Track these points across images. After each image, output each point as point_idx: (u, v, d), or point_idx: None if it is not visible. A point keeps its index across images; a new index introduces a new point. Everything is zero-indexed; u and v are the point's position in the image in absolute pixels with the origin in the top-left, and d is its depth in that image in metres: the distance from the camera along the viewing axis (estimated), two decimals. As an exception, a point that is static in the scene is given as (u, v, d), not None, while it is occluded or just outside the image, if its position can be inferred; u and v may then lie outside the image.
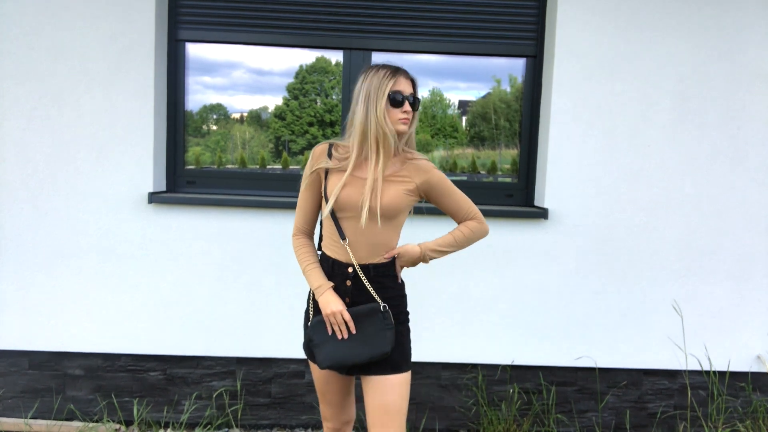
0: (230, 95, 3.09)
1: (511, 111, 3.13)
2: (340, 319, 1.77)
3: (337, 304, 1.77)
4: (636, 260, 2.92)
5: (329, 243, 1.84)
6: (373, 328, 1.78)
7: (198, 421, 2.93)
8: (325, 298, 1.79)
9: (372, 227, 1.78)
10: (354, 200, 1.76)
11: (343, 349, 1.78)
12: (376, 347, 1.77)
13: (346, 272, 1.82)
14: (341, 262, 1.82)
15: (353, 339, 1.77)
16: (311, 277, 1.84)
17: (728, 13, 2.84)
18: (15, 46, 2.75)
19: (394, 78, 1.79)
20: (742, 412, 3.02)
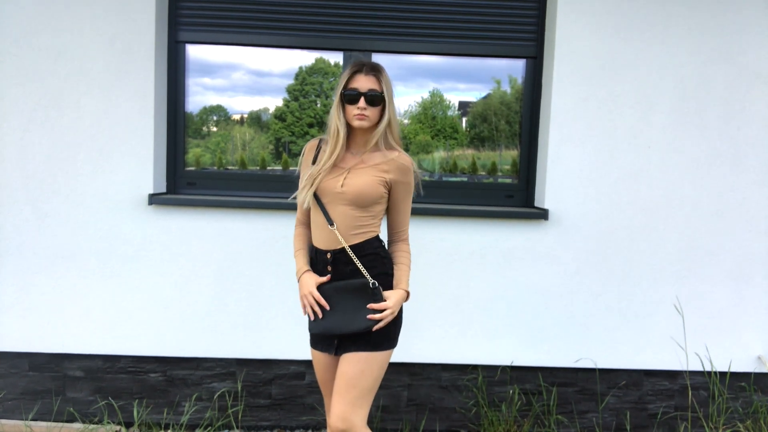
0: (230, 97, 3.09)
1: (511, 112, 3.13)
2: (312, 300, 1.89)
3: (309, 286, 1.89)
4: (636, 261, 2.92)
5: (313, 231, 1.98)
6: (361, 302, 1.87)
7: (198, 423, 2.93)
8: (300, 281, 1.94)
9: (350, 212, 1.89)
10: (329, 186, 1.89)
11: (331, 319, 1.88)
12: (361, 321, 1.86)
13: (325, 258, 1.92)
14: (321, 249, 1.93)
15: (342, 311, 1.87)
16: (296, 262, 2.00)
17: (728, 14, 2.84)
18: (15, 47, 2.75)
19: (352, 75, 1.90)
20: (743, 413, 3.02)
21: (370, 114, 1.88)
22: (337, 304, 1.88)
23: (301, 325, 2.84)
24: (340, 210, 1.90)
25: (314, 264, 1.97)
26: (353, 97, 1.88)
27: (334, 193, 1.90)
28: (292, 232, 2.17)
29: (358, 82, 1.88)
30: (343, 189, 1.89)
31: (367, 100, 1.87)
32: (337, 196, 1.90)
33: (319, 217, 1.93)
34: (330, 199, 1.90)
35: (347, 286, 1.89)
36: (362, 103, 1.86)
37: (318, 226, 1.94)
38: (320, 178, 1.91)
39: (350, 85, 1.90)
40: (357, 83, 1.88)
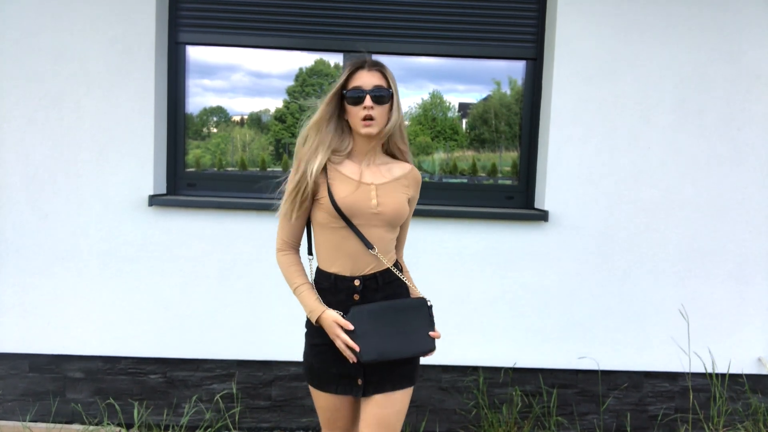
0: (230, 98, 3.10)
1: (511, 113, 3.13)
2: (343, 346, 1.61)
3: (335, 328, 1.62)
4: (636, 262, 2.92)
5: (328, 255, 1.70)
6: (419, 322, 1.67)
7: (198, 424, 2.93)
8: (324, 322, 1.64)
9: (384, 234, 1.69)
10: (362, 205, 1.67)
11: (388, 341, 1.61)
12: (421, 344, 1.66)
13: (351, 286, 1.67)
14: (344, 276, 1.68)
15: (397, 332, 1.63)
16: (303, 300, 1.69)
17: (728, 14, 2.85)
18: (15, 48, 2.76)
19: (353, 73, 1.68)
20: (743, 414, 3.02)
21: (378, 115, 1.65)
22: (392, 324, 1.63)
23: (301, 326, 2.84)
24: (376, 233, 1.67)
25: (331, 293, 1.69)
26: (357, 98, 1.64)
27: (369, 213, 1.66)
28: None
29: (360, 79, 1.66)
30: (380, 209, 1.66)
31: (373, 98, 1.64)
32: (372, 218, 1.66)
33: (347, 241, 1.66)
34: (364, 220, 1.65)
35: (404, 305, 1.67)
36: (368, 102, 1.63)
37: (342, 251, 1.67)
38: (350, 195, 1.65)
39: (352, 83, 1.66)
40: (359, 81, 1.65)
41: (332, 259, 1.69)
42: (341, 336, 1.60)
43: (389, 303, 1.66)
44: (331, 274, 1.69)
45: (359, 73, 1.67)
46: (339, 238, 1.67)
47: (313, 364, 1.72)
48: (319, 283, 1.72)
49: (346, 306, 1.66)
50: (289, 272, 1.73)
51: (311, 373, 1.74)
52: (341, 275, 1.68)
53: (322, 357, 1.70)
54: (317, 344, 1.71)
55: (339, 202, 1.64)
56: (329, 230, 1.68)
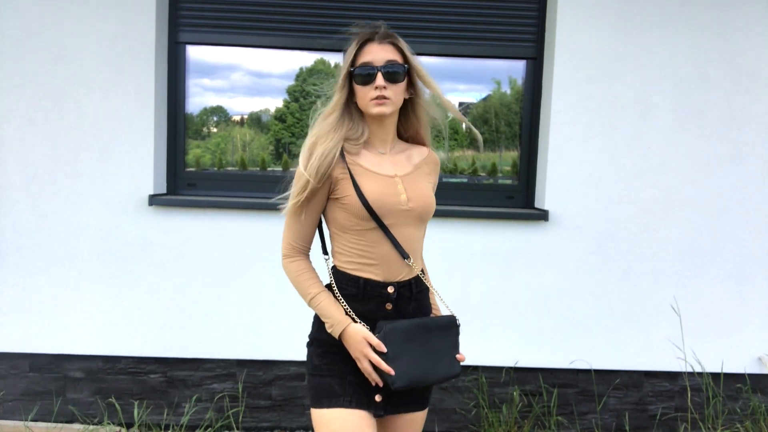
0: (230, 97, 3.09)
1: (511, 113, 3.13)
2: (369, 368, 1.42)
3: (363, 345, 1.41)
4: (636, 261, 2.92)
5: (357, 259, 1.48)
6: (447, 344, 1.49)
7: (198, 424, 2.93)
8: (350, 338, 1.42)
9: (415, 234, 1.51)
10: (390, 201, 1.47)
11: (418, 366, 1.43)
12: (448, 368, 1.48)
13: (385, 293, 1.47)
14: (377, 282, 1.47)
15: (426, 355, 1.45)
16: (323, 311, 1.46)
17: (728, 14, 2.84)
18: (15, 48, 2.76)
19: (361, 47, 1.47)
20: (742, 414, 3.02)
21: (392, 94, 1.44)
22: (421, 346, 1.44)
23: (302, 325, 2.84)
24: (407, 233, 1.48)
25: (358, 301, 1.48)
26: (367, 75, 1.43)
27: (400, 211, 1.46)
28: None
29: (370, 54, 1.44)
30: (411, 205, 1.47)
31: (386, 75, 1.43)
32: (403, 215, 1.47)
33: (379, 245, 1.46)
34: (394, 219, 1.45)
35: (434, 324, 1.49)
36: (380, 80, 1.42)
37: (374, 255, 1.46)
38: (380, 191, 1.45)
39: (360, 60, 1.45)
40: (369, 56, 1.44)
41: (360, 263, 1.47)
42: (372, 356, 1.40)
43: (420, 321, 1.48)
44: (360, 278, 1.47)
45: (369, 46, 1.46)
46: (368, 241, 1.46)
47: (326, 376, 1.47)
48: (343, 288, 1.49)
49: (374, 317, 1.46)
50: (301, 280, 1.50)
51: (322, 391, 1.46)
52: (373, 280, 1.47)
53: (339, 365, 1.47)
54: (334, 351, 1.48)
55: (370, 200, 1.42)
56: (355, 233, 1.46)
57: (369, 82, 1.43)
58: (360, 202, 1.42)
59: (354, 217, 1.44)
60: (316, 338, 1.53)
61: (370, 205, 1.42)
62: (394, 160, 1.54)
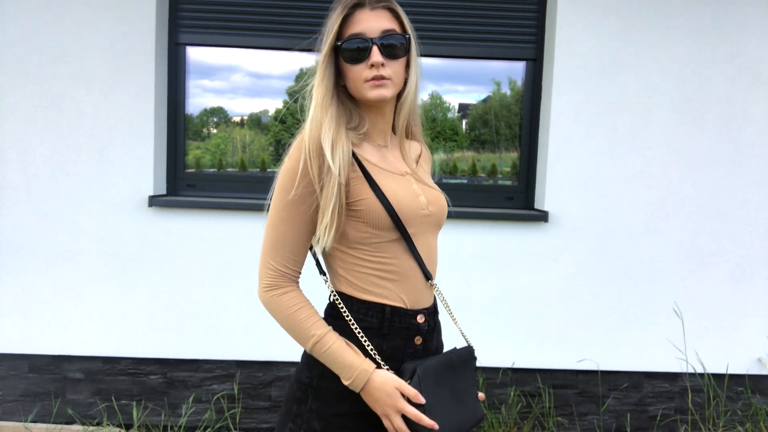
0: (230, 98, 3.10)
1: (511, 114, 3.13)
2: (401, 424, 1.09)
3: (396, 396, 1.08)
4: (636, 262, 2.92)
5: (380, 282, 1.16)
6: (469, 382, 1.22)
7: (198, 425, 2.93)
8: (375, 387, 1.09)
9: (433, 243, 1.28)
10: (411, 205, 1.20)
11: (454, 412, 1.15)
12: (475, 412, 1.21)
13: (415, 324, 1.18)
14: (407, 311, 1.17)
15: (455, 399, 1.18)
16: (336, 358, 1.11)
17: (728, 15, 2.85)
18: (16, 49, 2.76)
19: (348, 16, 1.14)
20: (743, 415, 3.02)
21: (392, 73, 1.15)
22: (449, 387, 1.17)
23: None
24: (427, 243, 1.21)
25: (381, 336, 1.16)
26: (358, 50, 1.11)
27: (422, 216, 1.18)
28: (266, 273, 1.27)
29: (361, 23, 1.12)
30: (430, 209, 1.20)
31: (383, 49, 1.12)
32: (424, 222, 1.19)
33: (401, 260, 1.16)
34: (417, 228, 1.17)
35: (458, 360, 1.21)
36: (377, 55, 1.11)
37: (396, 274, 1.16)
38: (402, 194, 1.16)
39: (349, 30, 1.13)
40: (360, 26, 1.12)
41: (382, 286, 1.16)
42: (408, 411, 1.07)
43: (445, 359, 1.19)
44: (385, 307, 1.15)
45: (358, 13, 1.13)
46: (389, 257, 1.15)
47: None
48: (361, 321, 1.16)
49: (401, 357, 1.16)
50: (300, 319, 1.14)
51: None
52: (399, 308, 1.16)
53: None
54: (342, 414, 1.14)
55: (393, 203, 1.13)
56: (371, 248, 1.15)
57: (362, 59, 1.12)
58: (382, 207, 1.12)
59: (370, 226, 1.13)
60: (319, 388, 1.16)
61: (394, 209, 1.12)
62: (396, 155, 1.26)
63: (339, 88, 1.18)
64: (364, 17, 1.13)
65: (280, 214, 1.13)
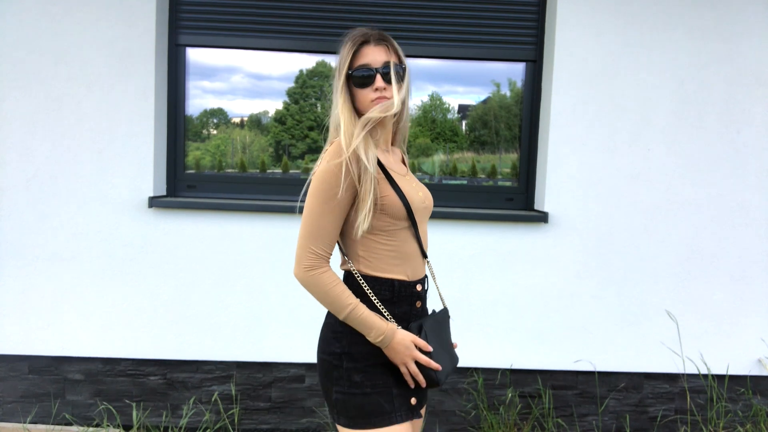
0: (230, 100, 3.10)
1: (510, 115, 3.13)
2: (415, 369, 1.44)
3: (412, 349, 1.44)
4: (636, 263, 2.92)
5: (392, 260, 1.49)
6: (449, 334, 1.61)
7: (197, 426, 2.93)
8: (400, 343, 1.43)
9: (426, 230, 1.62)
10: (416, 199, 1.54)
11: (447, 356, 1.53)
12: (454, 359, 1.59)
13: (415, 292, 1.53)
14: (409, 282, 1.51)
15: (444, 348, 1.54)
16: (365, 321, 1.42)
17: (728, 17, 2.85)
18: (16, 50, 2.76)
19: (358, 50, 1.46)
20: (743, 416, 3.02)
21: (392, 95, 1.46)
22: (440, 338, 1.54)
23: (301, 327, 2.84)
24: (422, 229, 1.56)
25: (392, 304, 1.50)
26: (366, 78, 1.44)
27: (422, 208, 1.54)
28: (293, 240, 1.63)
29: (367, 56, 1.45)
30: (426, 202, 1.57)
31: (385, 77, 1.45)
32: (423, 212, 1.55)
33: (408, 243, 1.50)
34: (419, 217, 1.52)
35: (442, 318, 1.59)
36: (380, 81, 1.44)
37: (404, 254, 1.50)
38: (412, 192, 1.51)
39: (358, 62, 1.46)
40: (366, 58, 1.45)
41: (392, 264, 1.49)
42: (420, 358, 1.43)
43: (434, 317, 1.56)
44: (394, 281, 1.49)
45: (364, 49, 1.46)
46: (400, 240, 1.49)
47: (371, 393, 1.43)
48: (379, 293, 1.49)
49: (408, 318, 1.51)
50: (337, 293, 1.42)
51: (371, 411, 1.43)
52: (405, 281, 1.50)
53: (382, 378, 1.46)
54: (374, 364, 1.46)
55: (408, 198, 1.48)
56: (387, 233, 1.47)
57: (368, 84, 1.45)
58: (400, 202, 1.45)
59: (390, 217, 1.46)
60: (350, 353, 1.46)
61: (409, 203, 1.47)
62: (395, 159, 1.60)
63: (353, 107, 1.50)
64: (369, 51, 1.45)
65: (321, 208, 1.40)
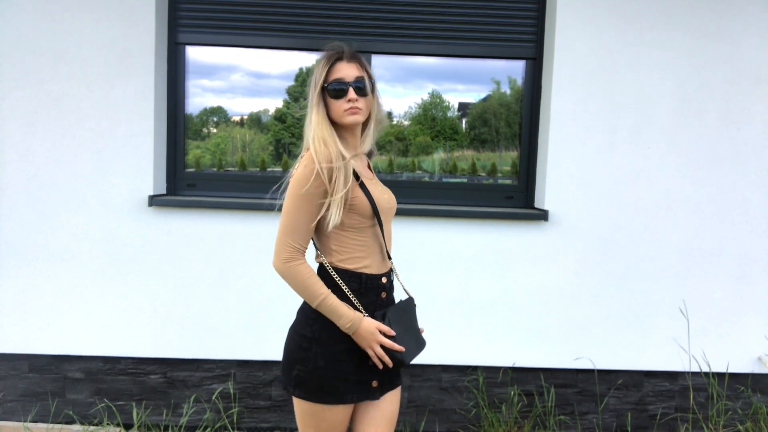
0: (229, 98, 3.10)
1: (510, 113, 3.13)
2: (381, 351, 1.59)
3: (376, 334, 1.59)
4: (636, 262, 2.92)
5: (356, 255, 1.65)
6: (415, 321, 1.75)
7: (198, 424, 2.93)
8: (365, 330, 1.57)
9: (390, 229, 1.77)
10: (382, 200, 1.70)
11: (411, 341, 1.68)
12: (421, 342, 1.74)
13: (380, 284, 1.68)
14: (374, 275, 1.67)
15: (410, 333, 1.69)
16: (335, 310, 1.57)
17: (728, 16, 2.85)
18: (16, 49, 2.76)
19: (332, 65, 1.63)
20: (743, 414, 3.02)
21: (363, 105, 1.63)
22: (405, 325, 1.68)
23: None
24: (387, 228, 1.71)
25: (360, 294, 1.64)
26: (340, 90, 1.61)
27: (387, 208, 1.70)
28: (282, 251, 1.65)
29: (340, 71, 1.62)
30: (391, 203, 1.73)
31: (356, 90, 1.61)
32: (388, 213, 1.70)
33: (373, 240, 1.66)
34: (384, 217, 1.67)
35: (407, 306, 1.73)
36: (352, 94, 1.61)
37: (369, 250, 1.66)
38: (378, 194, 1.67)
39: (332, 76, 1.62)
40: (340, 73, 1.62)
41: (360, 258, 1.64)
42: (385, 341, 1.58)
43: (398, 305, 1.69)
44: (362, 274, 1.64)
45: (338, 65, 1.63)
46: (367, 237, 1.65)
47: (330, 377, 1.60)
48: (348, 284, 1.64)
49: (373, 307, 1.65)
50: (310, 283, 1.58)
51: (325, 390, 1.60)
52: (371, 274, 1.65)
53: (344, 366, 1.61)
54: (339, 351, 1.61)
55: (375, 200, 1.64)
56: (356, 230, 1.63)
57: (341, 96, 1.61)
58: (368, 203, 1.61)
59: (359, 216, 1.61)
60: (320, 339, 1.61)
61: (375, 204, 1.62)
62: (363, 164, 1.74)
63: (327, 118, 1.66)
64: (342, 67, 1.63)
65: (297, 207, 1.57)
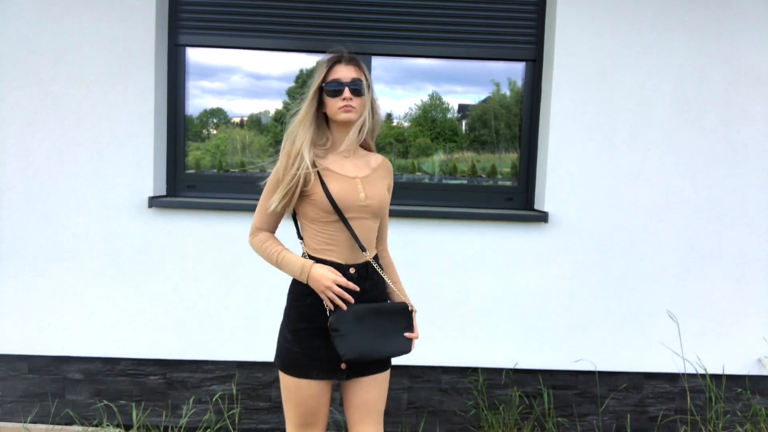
0: (229, 100, 3.10)
1: (510, 115, 3.13)
2: (338, 290, 1.67)
3: (329, 275, 1.67)
4: (636, 263, 2.92)
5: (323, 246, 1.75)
6: (396, 326, 1.77)
7: (197, 425, 2.93)
8: (316, 273, 1.68)
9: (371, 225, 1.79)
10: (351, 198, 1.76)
11: (369, 341, 1.70)
12: (398, 346, 1.76)
13: (348, 274, 1.74)
14: (341, 264, 1.74)
15: (378, 333, 1.72)
16: (289, 262, 1.73)
17: (728, 17, 2.85)
18: (16, 50, 2.76)
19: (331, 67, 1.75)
20: (742, 416, 3.02)
21: (357, 105, 1.74)
22: (373, 326, 1.71)
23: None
24: (364, 225, 1.76)
25: None
26: (336, 90, 1.72)
27: (359, 206, 1.74)
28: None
29: (338, 72, 1.74)
30: (368, 202, 1.75)
31: (352, 90, 1.72)
32: (361, 210, 1.75)
33: (340, 233, 1.73)
34: (354, 213, 1.73)
35: (384, 309, 1.75)
36: (347, 93, 1.71)
37: (336, 242, 1.74)
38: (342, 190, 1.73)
39: (330, 77, 1.74)
40: (338, 74, 1.74)
41: (327, 250, 1.75)
42: (338, 281, 1.67)
43: (371, 306, 1.73)
44: (327, 262, 1.74)
45: (337, 66, 1.75)
46: (332, 231, 1.74)
47: (295, 351, 1.74)
48: None
49: None
50: (266, 247, 1.78)
51: (291, 363, 1.75)
52: (337, 263, 1.74)
53: (306, 343, 1.74)
54: (302, 329, 1.75)
55: (334, 197, 1.71)
56: (321, 224, 1.74)
57: (338, 95, 1.72)
58: (327, 199, 1.70)
59: (321, 210, 1.72)
60: (288, 313, 1.80)
61: (335, 201, 1.70)
62: (356, 164, 1.81)
63: (321, 114, 1.79)
64: (341, 68, 1.75)
65: (265, 193, 1.80)
